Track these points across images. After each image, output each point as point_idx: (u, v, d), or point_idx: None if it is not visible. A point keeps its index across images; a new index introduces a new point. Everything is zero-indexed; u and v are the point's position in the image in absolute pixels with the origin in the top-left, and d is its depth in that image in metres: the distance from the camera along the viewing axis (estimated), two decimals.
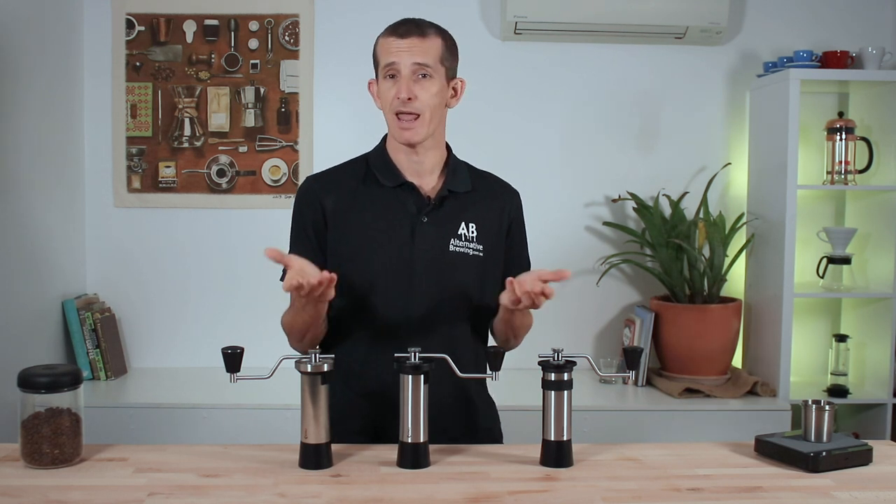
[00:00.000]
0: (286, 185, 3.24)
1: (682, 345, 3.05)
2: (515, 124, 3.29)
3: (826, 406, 1.63)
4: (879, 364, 3.08)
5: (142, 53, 3.20)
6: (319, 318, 1.74)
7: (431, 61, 1.73)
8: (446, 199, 1.80)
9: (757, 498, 1.44)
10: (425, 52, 1.72)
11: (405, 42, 1.72)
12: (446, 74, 1.77)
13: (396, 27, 1.75)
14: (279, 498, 1.41)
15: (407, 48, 1.71)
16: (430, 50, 1.73)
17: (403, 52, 1.71)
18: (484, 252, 1.81)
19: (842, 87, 3.23)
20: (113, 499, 1.39)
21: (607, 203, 3.32)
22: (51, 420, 1.53)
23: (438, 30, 1.77)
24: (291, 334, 1.80)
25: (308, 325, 1.74)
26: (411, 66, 1.71)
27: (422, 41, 1.72)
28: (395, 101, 1.72)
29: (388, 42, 1.74)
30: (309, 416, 1.54)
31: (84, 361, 3.03)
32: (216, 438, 2.67)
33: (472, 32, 3.24)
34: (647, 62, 3.29)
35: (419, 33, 1.73)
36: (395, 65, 1.72)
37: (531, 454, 1.62)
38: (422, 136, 1.75)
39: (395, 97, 1.72)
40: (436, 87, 1.74)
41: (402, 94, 1.71)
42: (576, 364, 1.59)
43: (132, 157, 3.22)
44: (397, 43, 1.72)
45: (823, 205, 3.32)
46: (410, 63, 1.71)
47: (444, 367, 1.59)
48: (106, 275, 3.25)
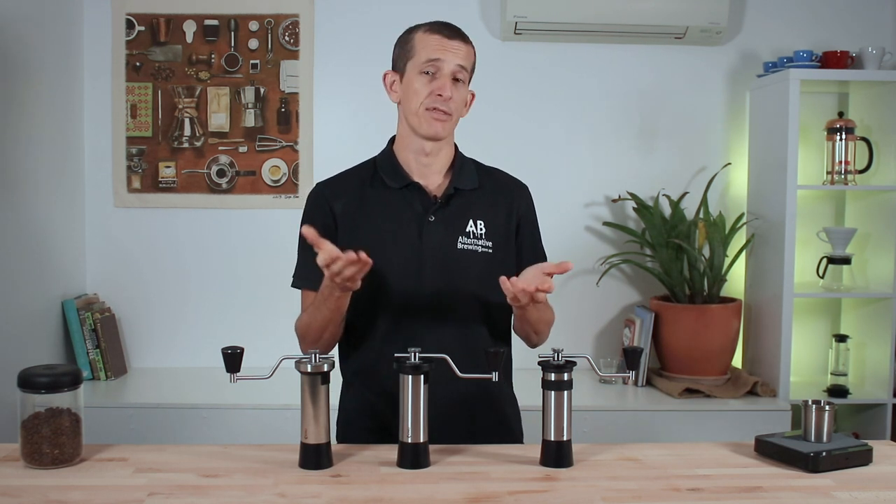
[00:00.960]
0: (286, 186, 3.24)
1: (682, 345, 3.05)
2: (515, 124, 3.29)
3: (826, 406, 1.63)
4: (879, 364, 3.08)
5: (142, 53, 3.20)
6: (339, 315, 1.73)
7: (469, 67, 1.80)
8: (453, 198, 1.81)
9: (757, 498, 1.44)
10: (465, 56, 1.78)
11: (453, 43, 1.76)
12: (468, 83, 1.82)
13: (440, 27, 1.78)
14: (279, 498, 1.41)
15: (453, 49, 1.76)
16: (468, 56, 1.80)
17: (450, 52, 1.75)
18: (493, 248, 1.81)
19: (842, 87, 3.23)
20: (113, 499, 1.39)
21: (607, 203, 3.32)
22: (51, 420, 1.53)
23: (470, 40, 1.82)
24: (307, 336, 1.78)
25: (327, 322, 1.73)
26: (454, 67, 1.76)
27: (465, 46, 1.79)
28: (434, 97, 1.75)
29: (433, 39, 1.76)
30: (309, 417, 1.54)
31: (84, 361, 3.03)
32: (216, 438, 2.67)
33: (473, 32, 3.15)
34: (647, 62, 3.29)
35: (462, 38, 1.79)
36: (440, 62, 1.75)
37: (531, 454, 1.62)
38: (447, 132, 1.79)
39: (435, 93, 1.75)
40: (465, 92, 1.81)
41: (445, 91, 1.74)
42: (576, 364, 1.59)
43: (132, 157, 3.22)
44: (444, 42, 1.76)
45: (823, 205, 3.32)
46: (455, 64, 1.76)
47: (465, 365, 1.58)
48: (106, 275, 3.25)
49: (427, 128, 1.77)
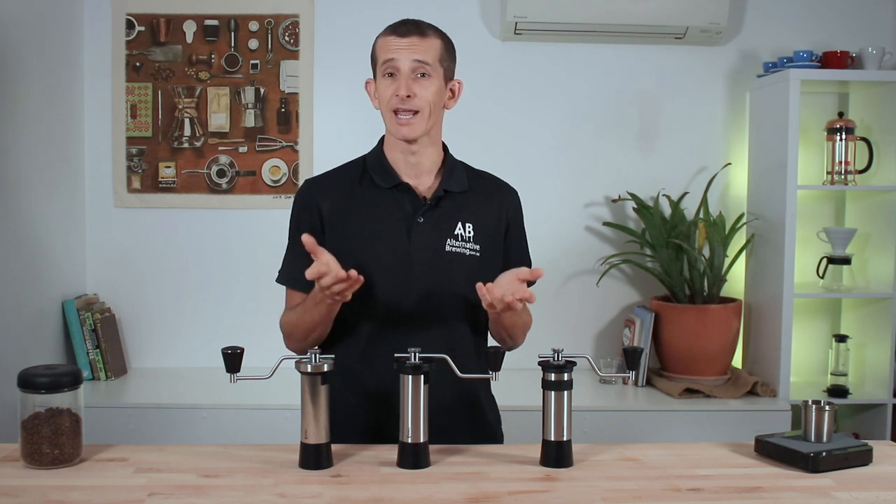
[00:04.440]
0: (286, 186, 3.24)
1: (682, 345, 3.05)
2: (515, 124, 3.29)
3: (826, 406, 1.63)
4: (879, 364, 3.08)
5: (142, 53, 3.20)
6: (328, 319, 1.74)
7: (431, 60, 1.74)
8: (442, 199, 1.80)
9: (757, 498, 1.44)
10: (425, 50, 1.73)
11: (405, 41, 1.73)
12: (444, 75, 1.77)
13: (396, 27, 1.76)
14: (279, 498, 1.41)
15: (406, 46, 1.72)
16: (429, 49, 1.74)
17: (403, 49, 1.72)
18: (481, 252, 1.80)
19: (842, 88, 3.23)
20: (113, 499, 1.39)
21: (607, 203, 3.32)
22: (51, 420, 1.53)
23: (437, 31, 1.78)
24: (293, 334, 1.79)
25: (315, 325, 1.74)
26: (411, 64, 1.72)
27: (421, 40, 1.73)
28: (394, 98, 1.73)
29: (388, 40, 1.75)
30: (309, 416, 1.54)
31: (84, 361, 3.03)
32: (216, 438, 2.67)
33: (472, 32, 3.24)
34: (647, 62, 3.29)
35: (419, 33, 1.74)
36: (395, 62, 1.72)
37: (531, 454, 1.62)
38: (419, 132, 1.75)
39: (394, 95, 1.72)
40: (434, 86, 1.75)
41: (401, 91, 1.71)
42: (576, 364, 1.59)
43: (132, 157, 3.22)
44: (397, 41, 1.73)
45: (823, 205, 3.31)
46: (410, 61, 1.72)
47: (444, 366, 1.58)
48: (106, 275, 3.25)
49: (396, 132, 1.76)
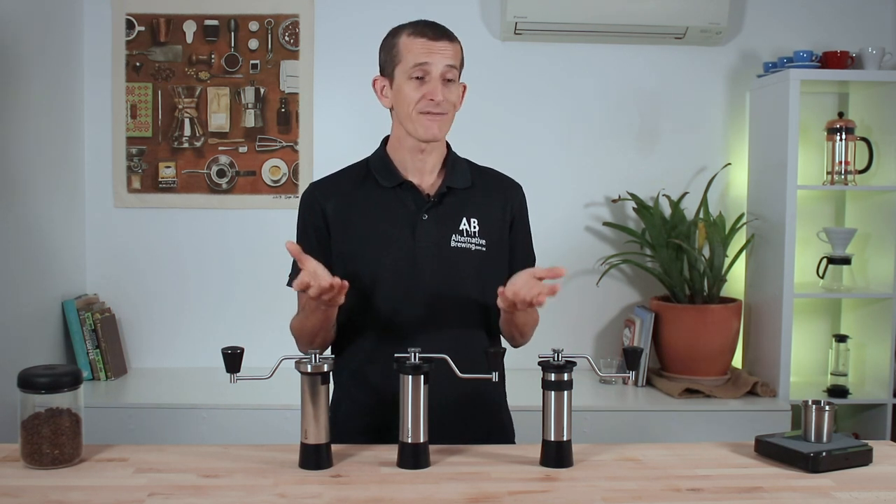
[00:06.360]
0: (286, 186, 3.24)
1: (682, 345, 3.05)
2: (515, 124, 3.29)
3: (826, 406, 1.63)
4: (879, 364, 3.08)
5: (142, 53, 3.20)
6: (329, 323, 1.75)
7: (458, 64, 1.78)
8: (446, 196, 1.81)
9: (757, 498, 1.44)
10: (454, 55, 1.76)
11: (438, 44, 1.74)
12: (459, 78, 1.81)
13: (423, 29, 1.75)
14: (279, 498, 1.41)
15: (439, 50, 1.74)
16: (457, 54, 1.78)
17: (436, 53, 1.73)
18: (487, 246, 1.81)
19: (842, 88, 3.23)
20: (113, 499, 1.39)
21: (607, 203, 3.32)
22: (51, 420, 1.53)
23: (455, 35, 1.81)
24: (301, 338, 1.80)
25: (317, 330, 1.75)
26: (442, 69, 1.74)
27: (451, 45, 1.76)
28: (424, 101, 1.74)
29: (419, 42, 1.74)
30: (309, 417, 1.54)
31: (84, 362, 3.03)
32: (216, 438, 2.67)
33: (472, 32, 3.24)
34: (647, 62, 3.29)
35: (448, 37, 1.76)
36: (428, 65, 1.73)
37: (531, 454, 1.62)
38: (444, 132, 1.79)
39: (427, 98, 1.73)
40: (458, 89, 1.80)
41: (437, 96, 1.73)
42: (576, 364, 1.59)
43: (132, 157, 3.22)
44: (429, 45, 1.74)
45: (823, 205, 3.31)
46: (443, 65, 1.74)
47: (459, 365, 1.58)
48: (106, 275, 3.24)
49: (424, 132, 1.76)
